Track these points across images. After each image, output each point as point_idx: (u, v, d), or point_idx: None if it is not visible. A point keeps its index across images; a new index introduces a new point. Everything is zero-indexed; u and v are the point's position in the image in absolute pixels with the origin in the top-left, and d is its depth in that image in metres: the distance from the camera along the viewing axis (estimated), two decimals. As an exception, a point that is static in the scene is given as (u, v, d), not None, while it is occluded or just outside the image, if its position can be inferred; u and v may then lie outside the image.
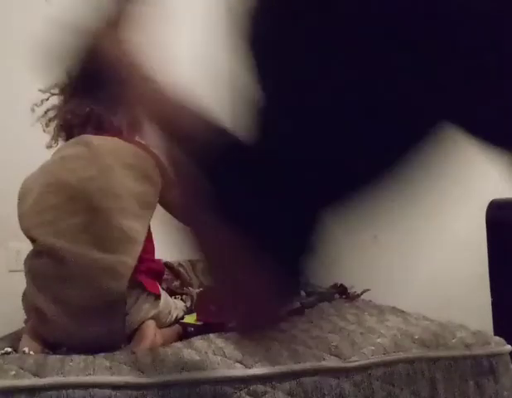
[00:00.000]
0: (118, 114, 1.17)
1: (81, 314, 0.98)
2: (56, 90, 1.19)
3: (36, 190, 1.07)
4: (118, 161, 1.08)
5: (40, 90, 1.19)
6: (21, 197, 1.08)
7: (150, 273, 1.08)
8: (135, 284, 1.02)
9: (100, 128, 1.16)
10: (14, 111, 1.26)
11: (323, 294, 1.49)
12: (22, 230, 1.05)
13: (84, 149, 1.10)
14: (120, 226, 1.01)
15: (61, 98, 1.20)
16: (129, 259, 0.98)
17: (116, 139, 1.14)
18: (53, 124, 1.21)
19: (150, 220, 1.07)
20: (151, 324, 1.04)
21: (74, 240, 0.99)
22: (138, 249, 1.01)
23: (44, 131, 1.21)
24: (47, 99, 1.20)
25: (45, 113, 1.20)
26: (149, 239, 1.10)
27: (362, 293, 1.50)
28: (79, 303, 0.97)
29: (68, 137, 1.19)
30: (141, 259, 1.03)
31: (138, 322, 1.03)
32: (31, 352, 0.97)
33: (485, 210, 1.22)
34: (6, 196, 1.12)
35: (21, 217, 1.06)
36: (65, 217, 1.02)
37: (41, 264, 1.02)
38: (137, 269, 1.02)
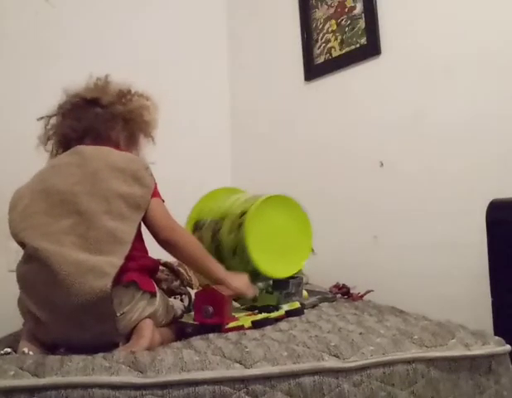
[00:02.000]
0: (115, 128, 1.19)
1: (69, 316, 0.98)
2: (55, 111, 1.22)
3: (27, 196, 1.09)
4: (108, 165, 1.09)
5: (39, 119, 1.22)
6: (13, 205, 1.09)
7: (143, 270, 1.09)
8: (128, 283, 1.03)
9: (98, 140, 1.18)
10: (13, 112, 1.26)
11: (325, 295, 1.50)
12: (12, 235, 1.06)
13: (76, 157, 1.12)
14: (106, 228, 1.01)
15: (59, 116, 1.22)
16: (115, 259, 0.98)
17: (108, 148, 1.16)
18: (51, 142, 1.23)
19: (139, 220, 1.08)
20: (149, 323, 1.05)
21: (60, 243, 1.00)
22: (126, 249, 1.01)
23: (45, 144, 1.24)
24: (49, 120, 1.24)
25: (45, 128, 1.23)
26: (139, 238, 1.11)
27: (365, 294, 1.49)
28: (66, 305, 0.97)
29: (64, 150, 1.20)
30: (132, 257, 1.04)
31: (135, 321, 1.04)
32: (31, 353, 0.98)
33: (485, 210, 1.21)
34: (6, 196, 1.12)
35: (11, 223, 1.07)
36: (53, 221, 1.03)
37: (29, 270, 1.03)
38: (128, 268, 1.03)
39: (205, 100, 2.39)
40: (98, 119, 1.20)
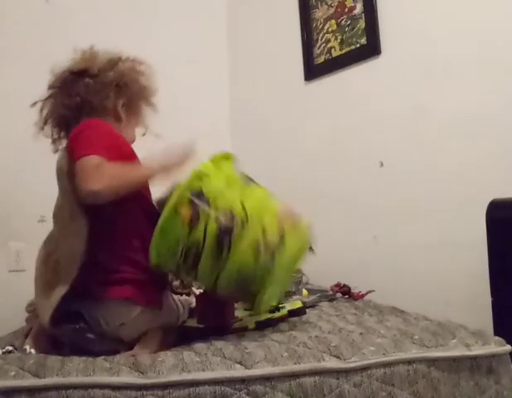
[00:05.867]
0: (109, 97, 1.14)
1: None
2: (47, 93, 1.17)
3: None
4: (63, 174, 1.05)
5: (33, 105, 1.18)
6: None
7: (140, 282, 1.02)
8: (121, 299, 1.00)
9: (94, 114, 1.12)
10: (14, 112, 1.26)
11: (325, 293, 1.50)
12: None
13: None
14: (64, 251, 1.02)
15: (51, 98, 1.17)
16: (61, 287, 0.97)
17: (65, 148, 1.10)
18: (49, 125, 1.18)
19: (85, 219, 1.00)
20: (156, 334, 1.02)
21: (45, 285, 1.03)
22: (76, 266, 0.98)
23: (42, 129, 1.18)
24: (44, 104, 1.18)
25: (40, 112, 1.17)
26: (133, 237, 1.05)
27: (366, 294, 1.49)
28: None
29: (66, 133, 1.16)
30: (128, 268, 1.01)
31: (138, 333, 1.01)
32: (32, 350, 0.98)
33: (485, 210, 1.21)
34: (6, 196, 1.12)
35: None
36: (46, 269, 1.06)
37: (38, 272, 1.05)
38: (124, 279, 1.00)
39: (204, 100, 2.39)
40: (89, 91, 1.13)
